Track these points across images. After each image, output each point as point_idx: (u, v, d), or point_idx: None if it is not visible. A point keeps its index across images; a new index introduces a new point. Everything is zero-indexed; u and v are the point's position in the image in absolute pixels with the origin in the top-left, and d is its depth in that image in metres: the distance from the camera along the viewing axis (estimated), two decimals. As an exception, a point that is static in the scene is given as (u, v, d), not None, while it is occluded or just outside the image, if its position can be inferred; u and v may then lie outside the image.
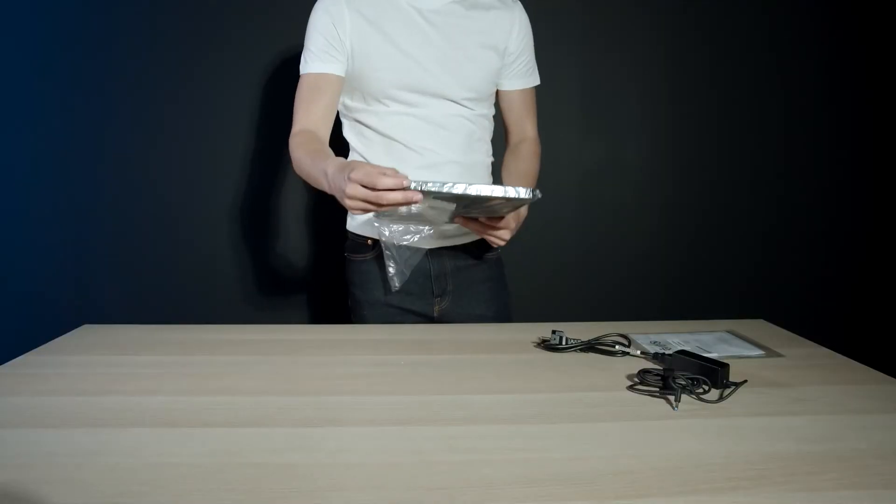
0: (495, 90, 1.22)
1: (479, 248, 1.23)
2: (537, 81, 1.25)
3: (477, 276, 1.23)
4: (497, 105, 1.25)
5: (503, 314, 1.26)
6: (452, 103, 1.14)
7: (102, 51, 1.67)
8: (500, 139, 1.27)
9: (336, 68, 1.11)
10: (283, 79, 1.69)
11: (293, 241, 1.79)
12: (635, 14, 1.80)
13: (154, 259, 1.75)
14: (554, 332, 0.95)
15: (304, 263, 1.80)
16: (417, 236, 1.08)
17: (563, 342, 0.94)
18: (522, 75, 1.22)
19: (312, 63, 1.12)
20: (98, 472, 0.57)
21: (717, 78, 1.85)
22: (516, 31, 1.18)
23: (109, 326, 1.05)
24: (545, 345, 0.95)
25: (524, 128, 1.26)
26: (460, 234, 1.19)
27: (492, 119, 1.23)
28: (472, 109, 1.16)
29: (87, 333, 1.02)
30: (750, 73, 1.86)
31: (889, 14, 1.87)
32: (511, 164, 1.23)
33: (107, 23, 1.67)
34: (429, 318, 1.22)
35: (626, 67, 1.82)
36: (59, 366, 0.86)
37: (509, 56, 1.18)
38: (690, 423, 0.69)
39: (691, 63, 1.84)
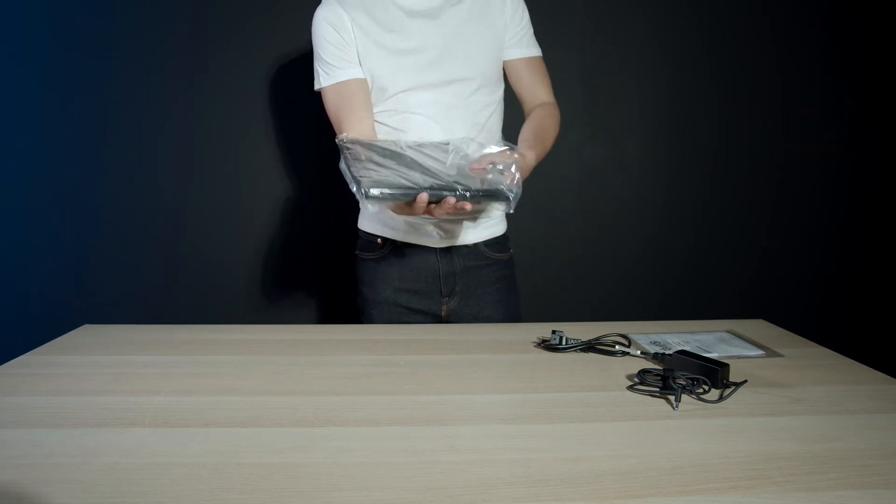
0: (502, 74, 1.19)
1: (491, 249, 1.22)
2: (540, 52, 1.22)
3: (487, 277, 1.22)
4: (510, 87, 1.22)
5: (513, 316, 1.24)
6: (453, 95, 1.12)
7: (104, 49, 1.67)
8: (511, 137, 1.25)
9: (357, 72, 1.11)
10: (286, 77, 1.69)
11: (302, 239, 1.78)
12: (635, 14, 1.81)
13: (155, 259, 1.75)
14: (554, 332, 0.95)
15: (314, 261, 1.80)
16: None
17: (563, 342, 0.94)
18: (525, 45, 1.20)
19: (332, 73, 1.11)
20: (98, 472, 0.57)
21: (716, 78, 1.85)
22: (509, 2, 1.17)
23: (109, 326, 1.05)
24: (545, 345, 0.95)
25: (537, 94, 1.21)
26: (471, 228, 1.18)
27: (500, 113, 1.20)
28: (475, 97, 1.14)
29: (87, 333, 1.02)
30: (749, 72, 1.86)
31: (889, 14, 1.87)
32: (524, 129, 1.16)
33: (108, 19, 1.67)
34: (437, 318, 1.21)
35: (626, 68, 1.82)
36: (59, 366, 0.86)
37: (507, 28, 1.17)
38: (690, 423, 0.69)
39: (691, 63, 1.84)
